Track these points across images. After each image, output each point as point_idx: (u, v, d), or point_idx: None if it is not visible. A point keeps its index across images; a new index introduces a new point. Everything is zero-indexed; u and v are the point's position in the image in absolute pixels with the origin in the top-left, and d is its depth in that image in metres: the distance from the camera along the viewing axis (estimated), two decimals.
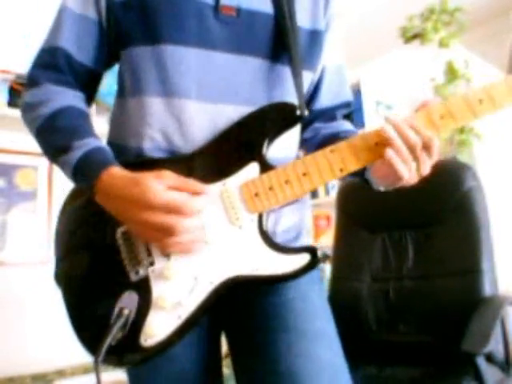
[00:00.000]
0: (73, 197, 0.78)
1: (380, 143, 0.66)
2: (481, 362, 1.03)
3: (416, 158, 0.65)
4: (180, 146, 0.71)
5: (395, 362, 1.36)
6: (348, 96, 0.90)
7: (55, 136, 0.71)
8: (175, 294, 0.67)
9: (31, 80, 0.77)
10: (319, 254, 0.67)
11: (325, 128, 0.87)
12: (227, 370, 0.82)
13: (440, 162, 1.57)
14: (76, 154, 0.68)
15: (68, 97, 0.75)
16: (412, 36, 2.16)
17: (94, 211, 0.70)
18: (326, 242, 2.87)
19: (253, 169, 0.69)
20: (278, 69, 0.76)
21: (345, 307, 1.57)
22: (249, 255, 0.67)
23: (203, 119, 0.71)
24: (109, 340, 0.64)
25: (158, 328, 0.66)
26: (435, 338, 1.34)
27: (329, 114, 0.88)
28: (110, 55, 0.79)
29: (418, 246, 1.51)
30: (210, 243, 0.67)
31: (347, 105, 0.90)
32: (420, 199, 1.52)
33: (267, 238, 0.68)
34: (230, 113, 0.72)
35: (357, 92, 2.68)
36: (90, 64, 0.78)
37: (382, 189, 0.75)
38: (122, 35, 0.74)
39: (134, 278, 0.69)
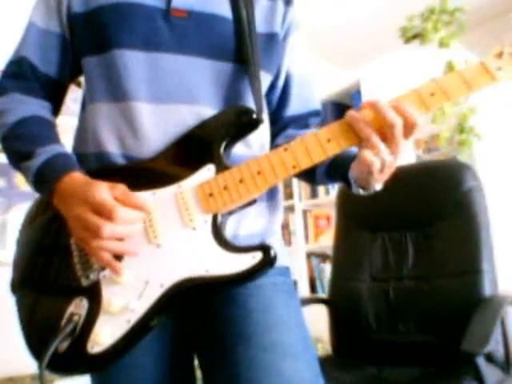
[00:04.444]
0: (34, 208, 0.79)
1: (332, 139, 0.67)
2: (481, 362, 1.03)
3: (391, 136, 0.63)
4: (134, 149, 0.72)
5: (395, 361, 1.36)
6: (317, 105, 0.91)
7: (19, 143, 0.73)
8: (124, 299, 0.65)
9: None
10: (272, 252, 0.64)
11: (299, 135, 0.87)
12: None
13: (440, 162, 1.57)
14: (38, 160, 0.70)
15: (33, 106, 0.77)
16: (412, 36, 2.16)
17: (50, 218, 0.72)
18: (325, 242, 2.87)
19: (208, 170, 0.69)
20: (233, 71, 0.76)
21: (345, 307, 1.57)
22: (200, 256, 0.66)
23: (154, 120, 0.72)
24: (54, 346, 0.63)
25: (105, 334, 0.64)
26: (435, 338, 1.34)
27: (301, 122, 0.88)
28: (74, 66, 0.81)
29: (418, 246, 1.51)
30: (162, 246, 0.67)
31: (317, 113, 0.90)
32: (420, 199, 1.53)
33: (221, 238, 0.66)
34: (182, 112, 0.73)
35: (357, 92, 2.68)
36: (55, 75, 0.80)
37: (360, 191, 0.74)
38: (79, 45, 0.78)
39: (85, 283, 0.68)
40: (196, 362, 0.79)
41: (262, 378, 0.64)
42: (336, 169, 0.76)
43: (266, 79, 0.82)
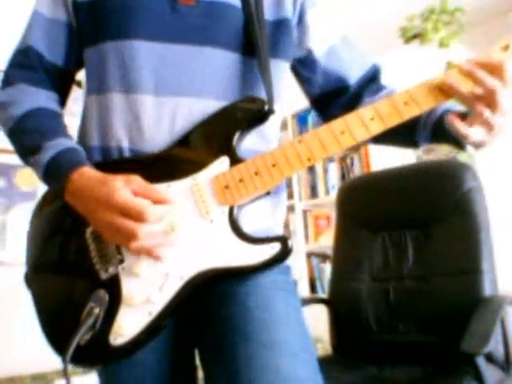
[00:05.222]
0: (44, 200, 0.78)
1: (345, 131, 0.68)
2: (481, 361, 1.03)
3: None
4: (139, 141, 0.71)
5: (395, 361, 1.36)
6: (372, 59, 0.90)
7: (26, 137, 0.72)
8: (145, 291, 0.66)
9: (6, 79, 0.78)
10: (290, 243, 0.66)
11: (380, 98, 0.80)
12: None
13: (440, 162, 1.57)
14: (47, 154, 0.69)
15: (40, 97, 0.76)
16: (412, 36, 2.16)
17: (64, 211, 0.71)
18: (325, 242, 2.87)
19: (222, 163, 0.69)
20: (242, 61, 0.75)
21: (345, 307, 1.57)
22: (219, 248, 0.67)
23: (161, 113, 0.71)
24: (77, 339, 0.64)
25: (127, 326, 0.65)
26: (435, 338, 1.34)
27: (373, 86, 0.86)
28: (80, 56, 0.79)
29: (418, 245, 1.51)
30: (180, 239, 0.67)
31: (379, 68, 0.89)
32: (420, 199, 1.52)
33: (238, 229, 0.68)
34: (190, 106, 0.72)
35: None
36: (62, 65, 0.79)
37: (473, 149, 0.73)
38: (85, 34, 0.76)
39: (103, 276, 0.68)
40: (197, 362, 0.79)
41: (259, 375, 0.64)
42: (445, 130, 0.74)
43: (281, 67, 0.80)
